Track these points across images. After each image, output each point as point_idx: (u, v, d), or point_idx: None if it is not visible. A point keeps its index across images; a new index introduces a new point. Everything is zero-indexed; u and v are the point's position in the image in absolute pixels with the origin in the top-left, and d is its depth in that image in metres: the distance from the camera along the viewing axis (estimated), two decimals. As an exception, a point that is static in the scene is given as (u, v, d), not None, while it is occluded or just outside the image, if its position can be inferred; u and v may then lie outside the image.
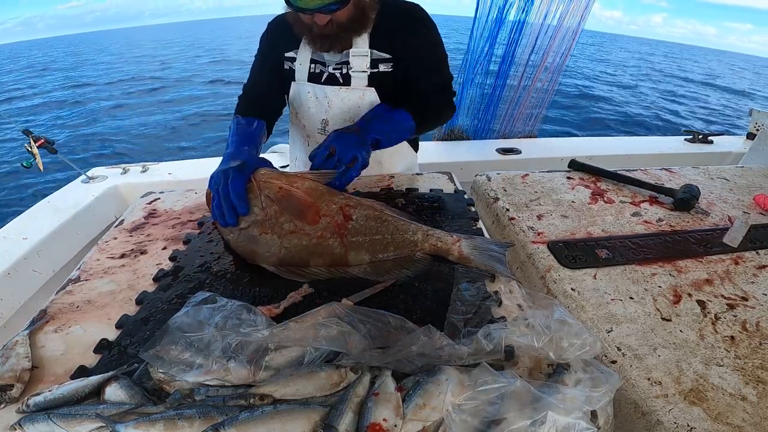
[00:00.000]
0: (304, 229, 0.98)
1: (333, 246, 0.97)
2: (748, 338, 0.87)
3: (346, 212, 1.00)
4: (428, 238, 0.99)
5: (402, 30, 1.29)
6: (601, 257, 1.10)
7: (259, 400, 0.63)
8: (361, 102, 1.36)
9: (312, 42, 1.29)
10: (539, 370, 0.73)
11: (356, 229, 0.99)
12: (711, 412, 0.72)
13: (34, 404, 0.64)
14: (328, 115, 1.40)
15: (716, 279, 1.04)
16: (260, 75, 1.45)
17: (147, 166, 2.12)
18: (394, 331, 0.73)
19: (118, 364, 0.73)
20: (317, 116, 1.42)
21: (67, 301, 0.91)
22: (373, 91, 1.35)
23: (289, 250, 0.97)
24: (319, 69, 1.36)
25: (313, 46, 1.31)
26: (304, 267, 0.96)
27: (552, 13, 2.71)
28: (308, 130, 1.48)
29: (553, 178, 1.56)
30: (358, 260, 0.98)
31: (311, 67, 1.36)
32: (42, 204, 1.77)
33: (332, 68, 1.34)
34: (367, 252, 0.98)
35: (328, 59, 1.34)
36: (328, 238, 0.98)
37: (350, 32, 1.25)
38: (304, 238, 0.97)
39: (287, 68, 1.40)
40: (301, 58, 1.36)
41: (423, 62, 1.34)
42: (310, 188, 1.03)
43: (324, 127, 1.42)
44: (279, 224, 0.98)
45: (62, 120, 10.01)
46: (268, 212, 0.99)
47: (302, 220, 0.99)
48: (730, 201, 1.44)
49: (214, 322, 0.73)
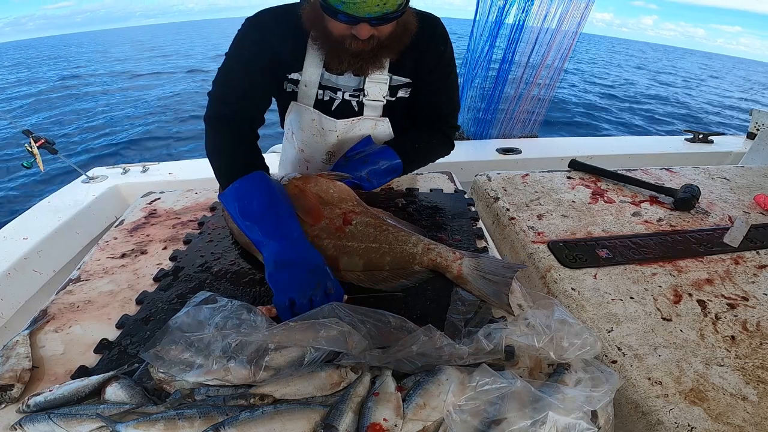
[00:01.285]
0: (303, 227, 0.98)
1: (326, 247, 0.97)
2: (749, 338, 0.87)
3: (347, 217, 1.01)
4: (428, 252, 0.96)
5: (421, 48, 1.12)
6: (602, 257, 1.10)
7: (260, 400, 0.63)
8: (372, 132, 1.23)
9: (337, 59, 1.05)
10: (539, 369, 0.73)
11: (353, 234, 0.99)
12: (711, 412, 0.72)
13: (35, 404, 0.64)
14: (335, 148, 1.26)
15: (717, 279, 1.04)
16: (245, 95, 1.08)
17: (147, 166, 2.11)
18: (394, 330, 0.73)
19: (118, 364, 0.73)
20: (321, 147, 1.27)
21: (67, 301, 0.91)
22: (387, 122, 1.21)
23: None
24: (329, 96, 1.17)
25: (336, 66, 1.07)
26: None
27: (551, 15, 2.71)
28: (308, 156, 1.32)
29: (553, 177, 1.56)
30: (351, 266, 0.96)
31: (319, 93, 1.17)
32: (42, 204, 1.77)
33: (348, 95, 1.17)
34: (361, 259, 0.96)
35: (343, 84, 1.16)
36: (324, 238, 0.98)
37: (386, 52, 1.04)
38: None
39: (289, 90, 1.18)
40: (308, 81, 1.14)
41: (437, 90, 1.20)
42: (322, 189, 1.04)
43: (329, 158, 1.29)
44: None
45: (59, 119, 10.01)
46: None
47: (306, 218, 0.99)
48: (731, 201, 1.44)
49: (214, 322, 0.73)
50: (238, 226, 0.96)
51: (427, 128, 1.26)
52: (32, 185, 5.69)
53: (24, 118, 9.85)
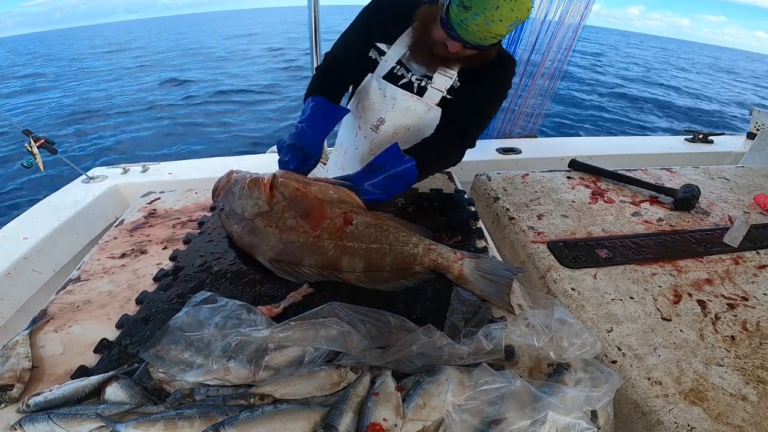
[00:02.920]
0: (303, 227, 0.99)
1: (327, 248, 0.97)
2: (749, 338, 0.87)
3: (348, 217, 1.00)
4: (429, 252, 0.96)
5: (487, 74, 1.26)
6: (602, 257, 1.10)
7: (259, 400, 0.63)
8: (423, 116, 1.34)
9: (419, 52, 1.24)
10: (539, 369, 0.73)
11: (354, 234, 0.99)
12: (711, 412, 0.72)
13: (35, 404, 0.64)
14: (387, 115, 1.37)
15: (716, 279, 1.04)
16: (344, 52, 1.38)
17: (147, 166, 2.11)
18: (394, 330, 0.73)
19: (118, 363, 0.73)
20: (377, 113, 1.39)
21: (67, 301, 0.91)
22: (439, 111, 1.32)
23: (286, 246, 0.99)
24: (401, 72, 1.32)
25: (415, 54, 1.27)
26: (298, 265, 0.97)
27: (552, 12, 2.70)
28: (361, 122, 1.46)
29: (553, 177, 1.56)
30: (352, 266, 0.96)
31: (395, 68, 1.33)
32: (42, 204, 1.77)
33: (415, 78, 1.31)
34: (362, 260, 0.97)
35: (415, 68, 1.31)
36: (325, 239, 0.98)
37: (456, 64, 1.23)
38: (302, 236, 0.99)
39: (372, 57, 1.35)
40: (390, 55, 1.32)
41: (475, 109, 1.30)
42: (321, 190, 1.04)
43: (378, 126, 1.39)
44: (283, 219, 1.01)
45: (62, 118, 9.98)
46: (276, 207, 1.02)
47: (307, 221, 0.99)
48: (731, 201, 1.44)
49: (214, 322, 0.73)
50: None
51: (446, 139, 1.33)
52: (32, 185, 5.68)
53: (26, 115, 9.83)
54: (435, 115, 1.33)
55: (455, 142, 1.31)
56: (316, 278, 0.95)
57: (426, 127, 1.34)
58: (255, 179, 1.08)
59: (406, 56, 1.30)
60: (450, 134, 1.31)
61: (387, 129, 1.38)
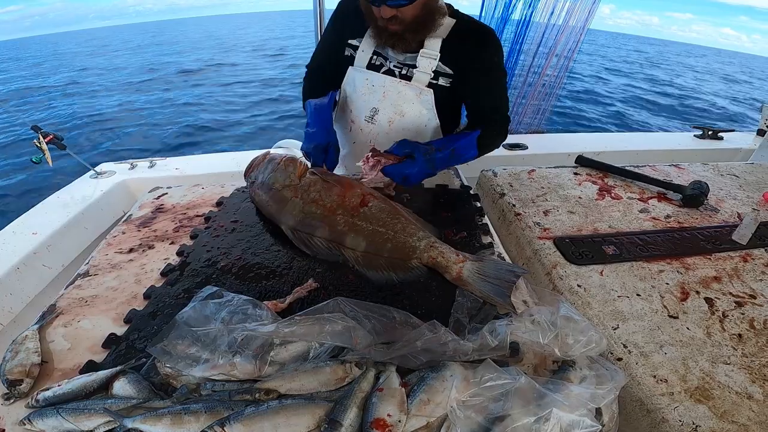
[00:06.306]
0: (323, 200, 1.07)
1: (338, 222, 1.03)
2: (756, 336, 0.86)
3: (365, 199, 1.06)
4: (431, 249, 0.96)
5: (470, 49, 1.30)
6: (608, 253, 1.09)
7: (265, 395, 0.63)
8: (415, 99, 1.36)
9: (377, 35, 1.31)
10: (544, 366, 0.73)
11: (365, 215, 1.03)
12: (717, 410, 0.71)
13: (44, 399, 0.65)
14: (379, 105, 1.40)
15: (724, 276, 1.03)
16: (324, 57, 1.49)
17: (154, 162, 2.12)
18: (398, 326, 0.73)
19: (126, 358, 0.74)
20: (368, 104, 1.42)
21: (76, 296, 0.92)
22: (431, 93, 1.34)
23: (305, 215, 1.07)
24: (380, 61, 1.37)
25: (377, 39, 1.33)
26: (312, 236, 1.03)
27: (558, 11, 2.68)
28: (354, 116, 1.48)
29: (559, 173, 1.55)
30: (355, 244, 1.00)
31: (372, 58, 1.38)
32: (51, 199, 1.78)
33: (393, 65, 1.36)
34: (365, 240, 1.00)
35: (392, 56, 1.36)
36: (338, 213, 1.04)
37: (414, 34, 1.25)
38: (320, 208, 1.06)
39: (347, 54, 1.41)
40: (364, 47, 1.38)
41: (483, 80, 1.34)
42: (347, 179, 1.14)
43: (372, 116, 1.42)
44: (308, 192, 1.10)
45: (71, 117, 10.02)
46: (304, 181, 1.12)
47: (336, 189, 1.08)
48: (740, 198, 1.43)
49: (220, 317, 0.74)
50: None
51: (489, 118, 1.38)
52: (41, 180, 5.73)
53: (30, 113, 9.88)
54: (428, 98, 1.35)
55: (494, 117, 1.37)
56: (324, 250, 1.01)
57: (421, 111, 1.37)
58: (292, 157, 1.20)
59: (379, 44, 1.36)
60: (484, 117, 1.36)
61: (382, 117, 1.41)
